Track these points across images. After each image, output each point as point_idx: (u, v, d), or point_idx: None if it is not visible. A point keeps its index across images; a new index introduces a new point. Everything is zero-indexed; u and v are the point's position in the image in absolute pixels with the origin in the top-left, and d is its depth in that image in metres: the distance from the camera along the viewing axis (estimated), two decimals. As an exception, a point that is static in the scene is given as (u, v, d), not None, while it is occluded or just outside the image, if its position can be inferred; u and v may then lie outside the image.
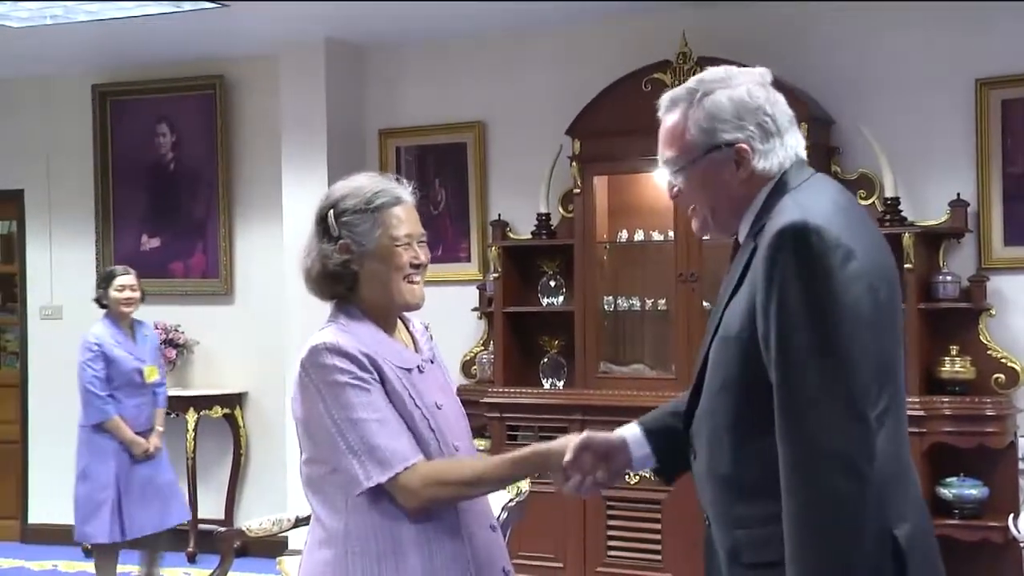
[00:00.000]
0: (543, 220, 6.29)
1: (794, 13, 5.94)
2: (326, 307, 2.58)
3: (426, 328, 2.75)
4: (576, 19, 6.30)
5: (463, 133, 6.78)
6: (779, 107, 2.23)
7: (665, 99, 2.29)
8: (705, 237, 2.41)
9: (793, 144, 2.22)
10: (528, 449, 2.51)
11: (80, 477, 5.79)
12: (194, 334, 7.31)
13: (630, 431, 2.51)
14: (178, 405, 7.08)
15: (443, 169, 6.85)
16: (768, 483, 2.03)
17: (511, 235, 6.41)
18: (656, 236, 6.07)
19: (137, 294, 5.98)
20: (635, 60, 5.91)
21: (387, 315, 2.58)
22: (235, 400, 7.21)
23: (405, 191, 2.57)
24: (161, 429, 5.97)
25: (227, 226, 7.27)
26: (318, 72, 6.75)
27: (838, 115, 5.83)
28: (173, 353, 7.22)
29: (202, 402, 7.13)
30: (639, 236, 6.13)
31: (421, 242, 2.56)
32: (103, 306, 5.99)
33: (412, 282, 2.54)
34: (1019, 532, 4.88)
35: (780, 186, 2.19)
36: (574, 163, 6.04)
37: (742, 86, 2.23)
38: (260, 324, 7.05)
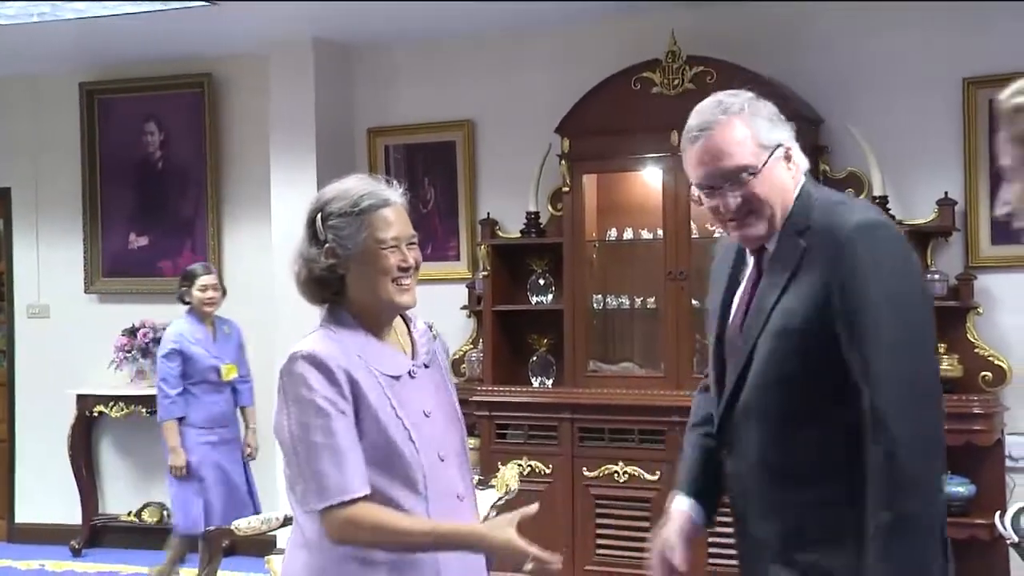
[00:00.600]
0: (532, 218, 6.30)
1: (782, 13, 5.96)
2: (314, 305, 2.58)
3: (430, 328, 2.72)
4: (566, 19, 6.31)
5: (452, 132, 6.78)
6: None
7: (701, 119, 2.36)
8: (758, 240, 2.39)
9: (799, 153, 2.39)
10: (468, 528, 2.49)
11: (169, 471, 5.84)
12: (182, 333, 7.30)
13: (687, 505, 2.55)
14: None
15: (432, 168, 6.85)
16: (823, 469, 2.20)
17: (500, 233, 6.41)
18: (645, 234, 6.08)
19: (219, 293, 6.02)
20: (624, 59, 5.92)
21: (378, 318, 2.55)
22: (224, 399, 7.18)
23: (394, 193, 2.54)
24: (254, 427, 6.11)
25: (215, 225, 7.26)
26: (307, 71, 6.74)
27: (827, 114, 5.85)
28: (161, 352, 7.20)
29: (190, 400, 7.10)
30: (628, 234, 6.14)
31: (411, 244, 2.53)
32: (186, 303, 6.00)
33: (401, 285, 2.50)
34: (1006, 529, 4.90)
35: (803, 191, 2.34)
36: (563, 162, 6.04)
37: (761, 99, 2.37)
38: (248, 322, 7.03)
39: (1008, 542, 4.91)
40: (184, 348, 5.86)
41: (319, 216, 2.50)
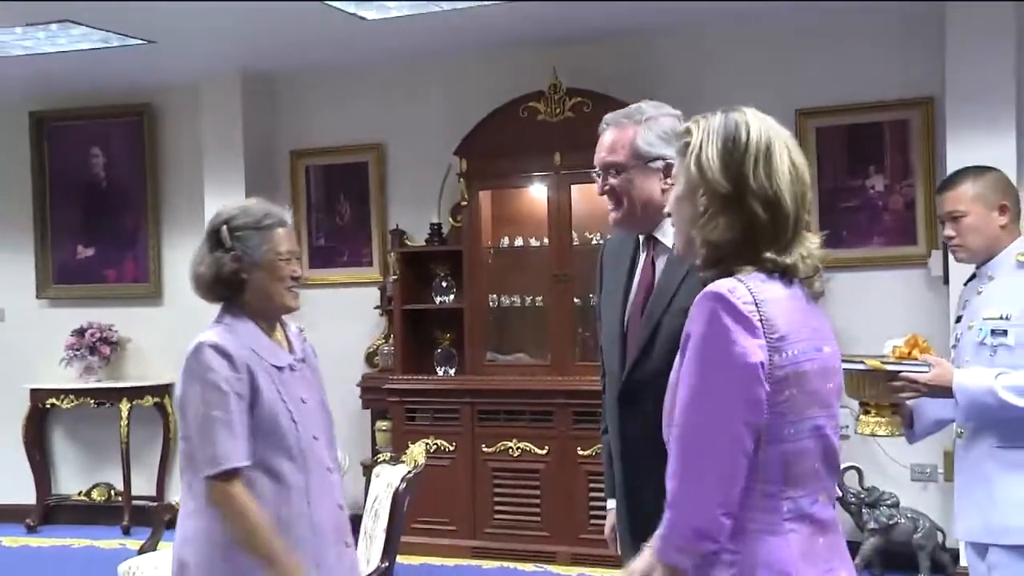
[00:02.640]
0: (435, 229, 6.28)
1: (645, 49, 6.01)
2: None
3: (301, 331, 2.81)
4: (460, 54, 6.31)
5: (364, 153, 6.72)
6: None
7: (609, 118, 2.51)
8: (617, 224, 2.54)
9: None
10: (295, 563, 2.48)
11: None
12: (126, 332, 7.12)
13: (614, 504, 2.64)
14: (113, 395, 6.93)
15: (347, 185, 6.79)
16: None
17: (407, 242, 6.38)
18: (533, 242, 6.11)
19: None
20: (513, 90, 5.94)
21: (267, 318, 2.64)
22: (164, 390, 7.03)
23: (288, 215, 2.66)
24: None
25: (155, 236, 7.10)
26: (235, 100, 6.64)
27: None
28: (107, 350, 7.03)
29: (134, 393, 6.94)
30: (519, 242, 6.16)
31: (298, 259, 2.68)
32: None
33: (292, 291, 2.63)
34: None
35: None
36: (462, 179, 6.04)
37: (671, 117, 2.48)
38: (185, 323, 6.78)
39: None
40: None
41: (225, 227, 2.58)
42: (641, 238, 2.53)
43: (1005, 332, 2.78)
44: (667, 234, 2.39)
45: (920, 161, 5.53)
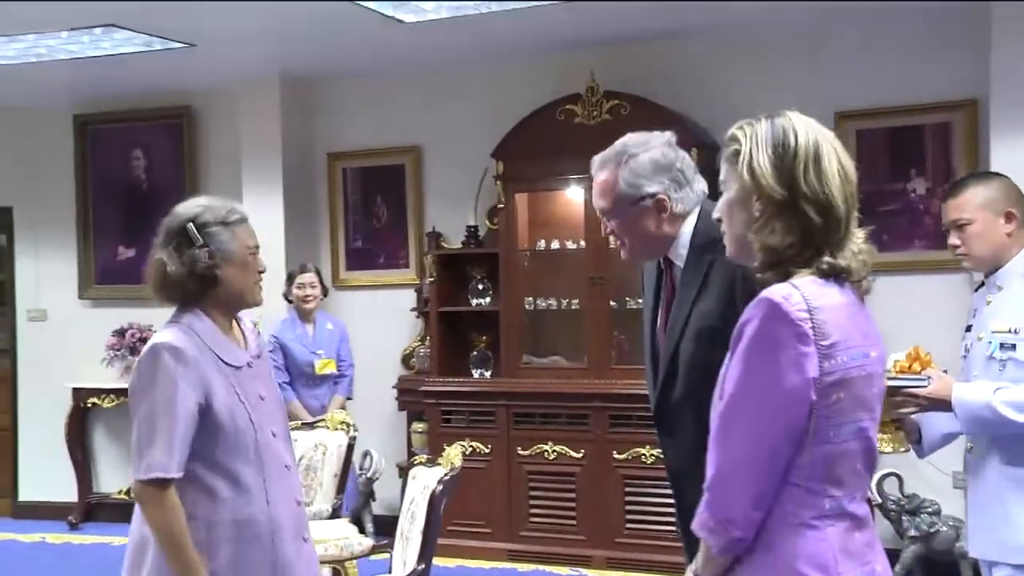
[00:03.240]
0: (472, 231, 6.28)
1: (685, 52, 5.99)
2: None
3: (255, 326, 2.79)
4: (497, 57, 6.30)
5: (402, 156, 6.74)
6: (686, 162, 2.45)
7: (596, 160, 2.47)
8: (631, 259, 2.59)
9: (699, 187, 2.46)
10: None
11: None
12: (166, 333, 7.18)
13: None
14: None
15: (384, 187, 6.81)
16: None
17: (444, 245, 6.38)
18: (570, 245, 6.09)
19: (317, 291, 5.75)
20: (550, 93, 5.93)
21: (228, 315, 2.63)
22: (203, 391, 7.09)
23: (244, 210, 2.65)
24: (334, 411, 5.21)
25: (195, 238, 7.15)
26: (274, 103, 6.68)
27: (723, 142, 5.88)
28: (147, 350, 7.09)
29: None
30: (555, 245, 6.15)
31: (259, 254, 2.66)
32: (289, 301, 5.77)
33: (259, 284, 2.64)
34: (871, 492, 4.97)
35: (703, 212, 2.42)
36: (498, 182, 6.03)
37: (657, 148, 2.42)
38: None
39: (873, 504, 4.97)
40: (284, 343, 5.58)
41: (191, 224, 2.56)
42: (661, 260, 2.55)
43: (1014, 346, 2.71)
44: (679, 256, 2.44)
45: (963, 164, 5.45)
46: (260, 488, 2.53)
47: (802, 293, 1.74)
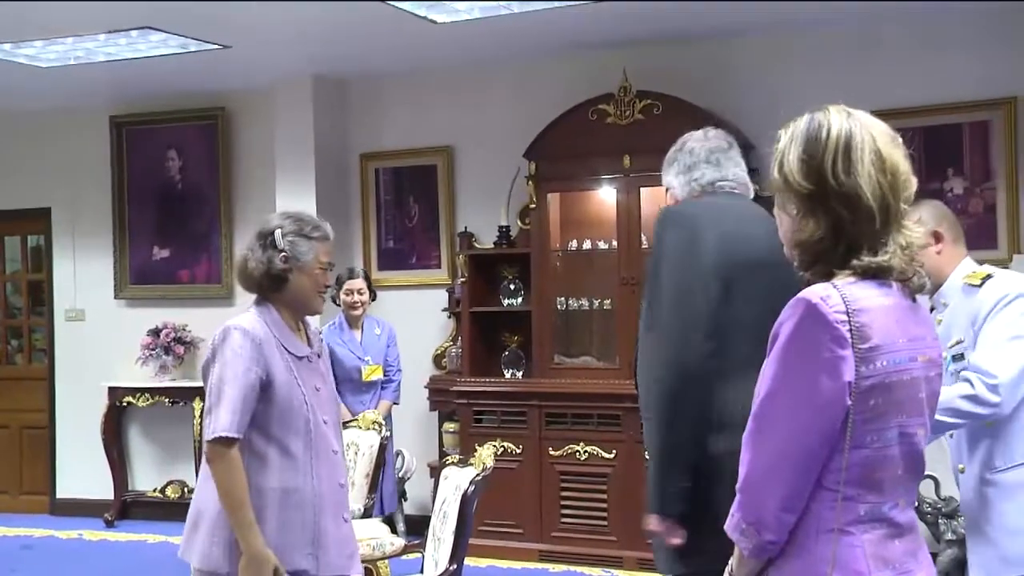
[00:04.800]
0: (504, 232, 6.26)
1: (718, 51, 5.95)
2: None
3: (319, 332, 3.16)
4: (529, 57, 6.28)
5: (434, 156, 6.73)
6: (696, 155, 2.84)
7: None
8: None
9: (699, 175, 2.80)
10: (260, 540, 2.70)
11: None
12: (199, 332, 7.20)
13: None
14: (186, 394, 7.04)
15: (416, 187, 6.81)
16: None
17: (476, 245, 6.37)
18: (602, 245, 6.06)
19: (365, 296, 5.69)
20: (582, 92, 5.90)
21: (295, 314, 2.93)
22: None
23: (330, 230, 2.96)
24: (373, 416, 4.90)
25: (228, 238, 7.18)
26: (307, 104, 6.69)
27: (757, 140, 5.83)
28: (181, 350, 7.14)
29: (207, 392, 7.04)
30: (587, 245, 6.12)
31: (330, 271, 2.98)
32: (338, 305, 5.73)
33: (322, 296, 2.94)
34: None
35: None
36: (530, 182, 6.01)
37: (688, 142, 2.86)
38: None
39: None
40: (331, 349, 5.39)
41: (279, 231, 2.86)
42: None
43: (962, 356, 2.77)
44: None
45: (1002, 163, 5.37)
46: (308, 463, 2.79)
47: (842, 294, 1.69)
